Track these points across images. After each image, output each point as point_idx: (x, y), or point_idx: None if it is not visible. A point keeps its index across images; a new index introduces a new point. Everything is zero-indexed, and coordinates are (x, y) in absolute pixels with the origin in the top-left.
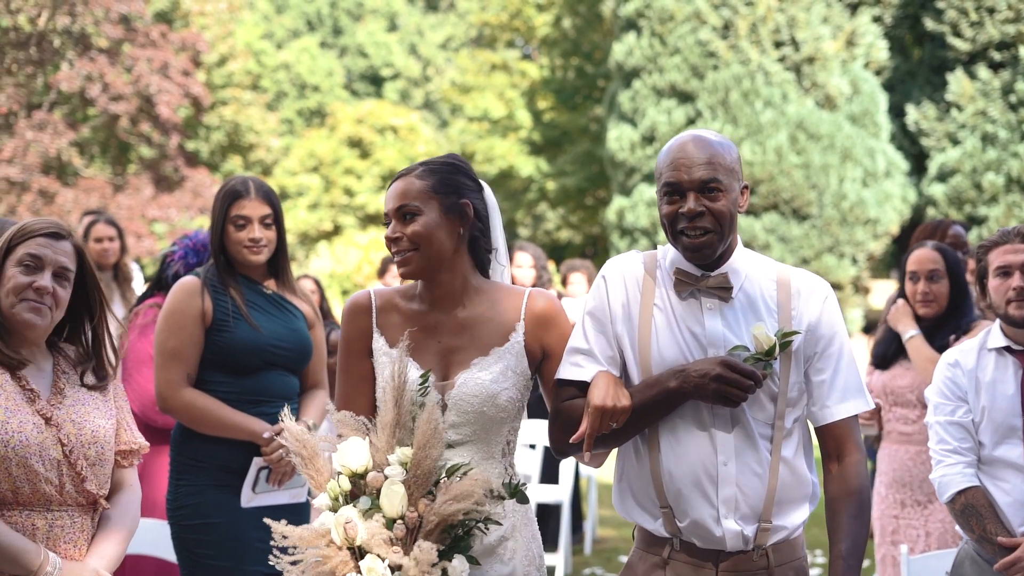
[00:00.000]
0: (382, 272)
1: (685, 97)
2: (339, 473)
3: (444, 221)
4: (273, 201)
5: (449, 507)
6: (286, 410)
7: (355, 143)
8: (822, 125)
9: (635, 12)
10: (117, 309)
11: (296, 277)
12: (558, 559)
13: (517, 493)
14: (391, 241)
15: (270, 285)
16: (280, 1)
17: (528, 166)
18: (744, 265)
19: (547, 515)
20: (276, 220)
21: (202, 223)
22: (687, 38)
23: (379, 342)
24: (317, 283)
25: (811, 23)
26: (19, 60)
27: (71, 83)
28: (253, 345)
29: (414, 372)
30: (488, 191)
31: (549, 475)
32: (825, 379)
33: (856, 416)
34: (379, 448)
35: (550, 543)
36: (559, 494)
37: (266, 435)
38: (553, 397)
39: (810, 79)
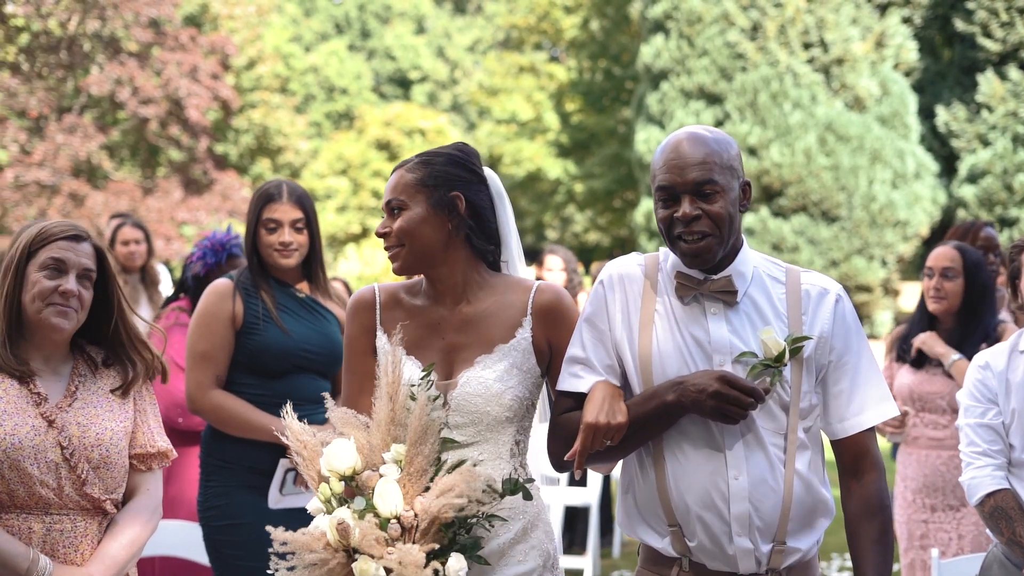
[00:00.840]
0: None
1: (713, 99)
2: (328, 475)
3: (431, 215)
4: (305, 205)
5: (435, 503)
6: (288, 407)
7: (383, 146)
8: (851, 127)
9: (663, 14)
10: (144, 312)
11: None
12: (586, 562)
13: (519, 489)
14: (380, 235)
15: (303, 288)
16: (308, 4)
17: (556, 168)
18: (750, 266)
19: (576, 518)
20: (308, 224)
21: (231, 226)
22: (715, 40)
23: (382, 340)
24: (346, 285)
25: (840, 24)
26: (50, 64)
27: (101, 87)
28: (282, 348)
29: (414, 368)
30: (494, 183)
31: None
32: (842, 389)
33: (874, 429)
34: (374, 446)
35: (578, 546)
36: (587, 496)
37: None
38: (552, 408)
39: (839, 80)
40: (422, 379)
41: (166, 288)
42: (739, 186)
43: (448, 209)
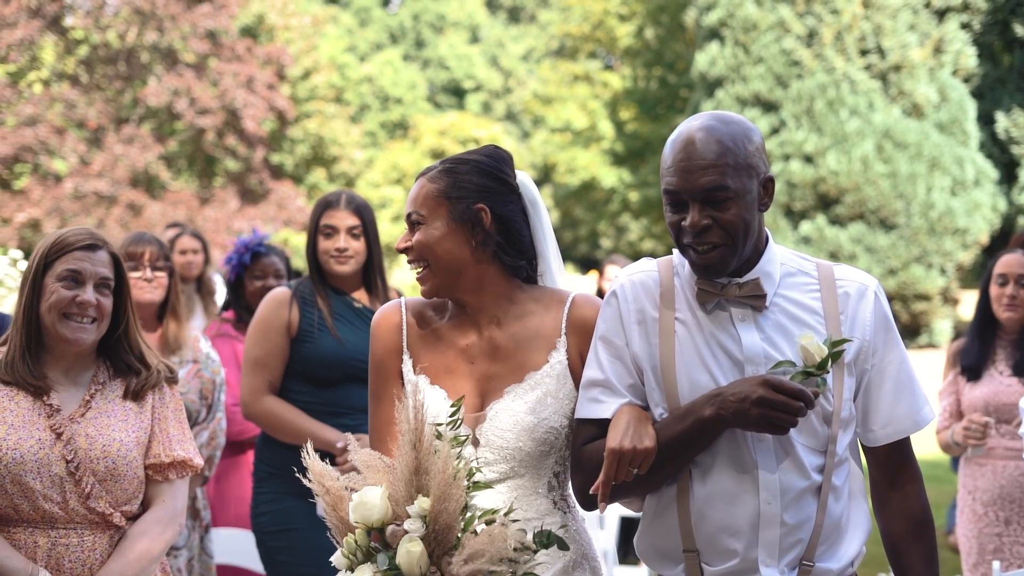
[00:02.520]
0: None
1: (769, 106)
2: (355, 526)
3: (453, 230)
4: (363, 213)
5: (464, 570)
6: (308, 447)
7: (438, 155)
8: (909, 134)
9: (718, 21)
10: (199, 321)
11: None
12: (642, 572)
13: (552, 542)
14: (401, 251)
15: (362, 297)
16: (363, 15)
17: (610, 177)
18: (777, 266)
19: (632, 529)
20: (366, 232)
21: (286, 235)
22: (771, 47)
23: (407, 365)
24: (399, 295)
25: (897, 30)
26: (108, 75)
27: (159, 98)
28: (336, 357)
29: (441, 399)
30: (527, 190)
31: None
32: (885, 392)
33: (908, 437)
34: (397, 499)
35: (634, 556)
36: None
37: (339, 444)
38: (574, 439)
39: (897, 87)
40: (450, 417)
41: (222, 298)
42: (758, 185)
43: (472, 223)
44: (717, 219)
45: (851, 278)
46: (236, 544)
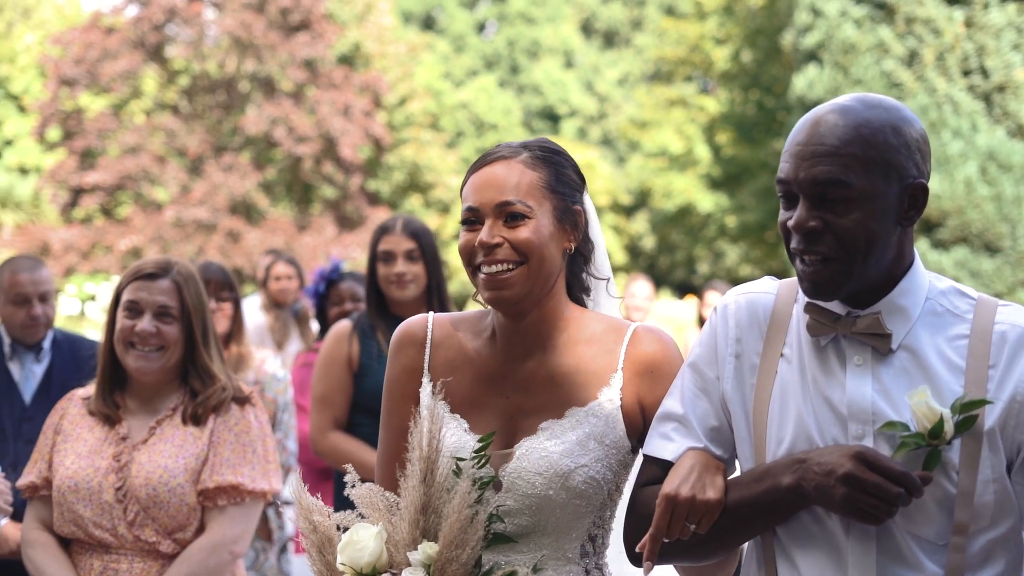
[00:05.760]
0: None
1: None
2: (343, 570)
3: (558, 231)
4: (420, 236)
5: None
6: (296, 476)
7: None
8: (1014, 155)
9: (816, 44)
10: (294, 346)
11: None
12: None
13: None
14: (486, 248)
15: None
16: (459, 41)
17: (707, 201)
18: (918, 299)
19: None
20: (424, 255)
21: (332, 256)
22: (871, 69)
23: (426, 389)
24: None
25: (1001, 50)
26: (208, 105)
27: (257, 126)
28: None
29: (462, 434)
30: (587, 195)
31: None
32: None
33: None
34: (397, 541)
35: None
36: None
37: None
38: (637, 477)
39: (1001, 108)
40: (476, 454)
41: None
42: (900, 190)
43: (572, 225)
44: (830, 224)
45: (1015, 321)
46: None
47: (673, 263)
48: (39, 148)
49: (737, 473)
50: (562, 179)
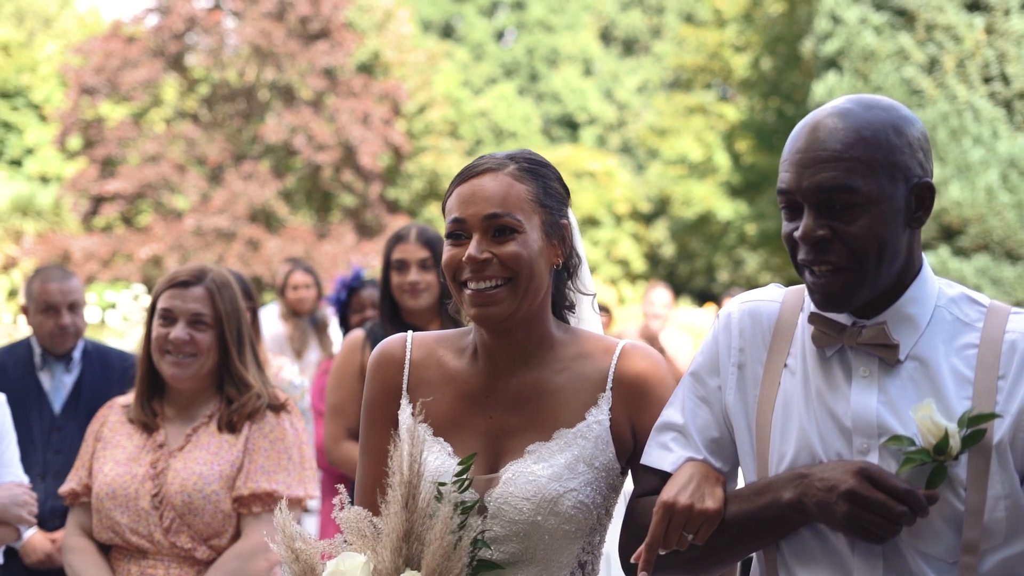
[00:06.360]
0: None
1: None
2: None
3: (546, 246)
4: (434, 245)
5: None
6: (283, 504)
7: None
8: None
9: (836, 51)
10: (313, 355)
11: None
12: None
13: None
14: (474, 264)
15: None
16: (478, 50)
17: (727, 209)
18: (927, 307)
19: None
20: (437, 264)
21: (353, 263)
22: (891, 76)
23: (405, 411)
24: None
25: (1022, 57)
26: (228, 113)
27: (277, 134)
28: None
29: (444, 457)
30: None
31: None
32: None
33: None
34: (381, 571)
35: None
36: None
37: None
38: (634, 487)
39: (1022, 115)
40: (456, 477)
41: (335, 332)
42: (908, 191)
43: (560, 240)
44: (839, 232)
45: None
46: None
47: (692, 271)
48: (60, 157)
49: (740, 485)
50: (549, 192)
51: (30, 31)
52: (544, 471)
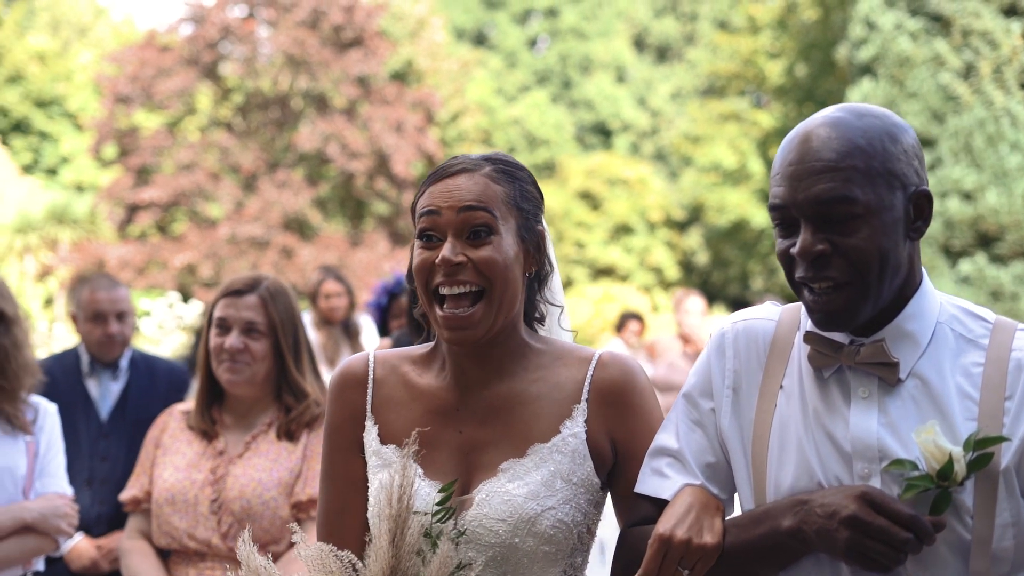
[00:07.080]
0: (620, 327)
1: (925, 143)
2: None
3: (520, 252)
4: None
5: None
6: (246, 534)
7: (585, 196)
8: None
9: (871, 57)
10: None
11: None
12: None
13: None
14: (448, 267)
15: None
16: (511, 57)
17: (761, 216)
18: (928, 323)
19: None
20: None
21: (393, 268)
22: (927, 82)
23: (371, 433)
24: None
25: None
26: (262, 122)
27: (311, 143)
28: None
29: (417, 482)
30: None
31: None
32: None
33: None
34: None
35: None
36: None
37: None
38: (625, 516)
39: None
40: (438, 507)
41: (369, 339)
42: (906, 200)
43: (535, 247)
44: (839, 245)
45: None
46: None
47: (727, 278)
48: (95, 165)
49: (737, 512)
50: (526, 195)
51: (65, 40)
52: (519, 489)
